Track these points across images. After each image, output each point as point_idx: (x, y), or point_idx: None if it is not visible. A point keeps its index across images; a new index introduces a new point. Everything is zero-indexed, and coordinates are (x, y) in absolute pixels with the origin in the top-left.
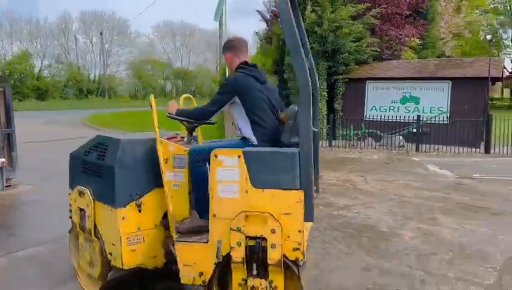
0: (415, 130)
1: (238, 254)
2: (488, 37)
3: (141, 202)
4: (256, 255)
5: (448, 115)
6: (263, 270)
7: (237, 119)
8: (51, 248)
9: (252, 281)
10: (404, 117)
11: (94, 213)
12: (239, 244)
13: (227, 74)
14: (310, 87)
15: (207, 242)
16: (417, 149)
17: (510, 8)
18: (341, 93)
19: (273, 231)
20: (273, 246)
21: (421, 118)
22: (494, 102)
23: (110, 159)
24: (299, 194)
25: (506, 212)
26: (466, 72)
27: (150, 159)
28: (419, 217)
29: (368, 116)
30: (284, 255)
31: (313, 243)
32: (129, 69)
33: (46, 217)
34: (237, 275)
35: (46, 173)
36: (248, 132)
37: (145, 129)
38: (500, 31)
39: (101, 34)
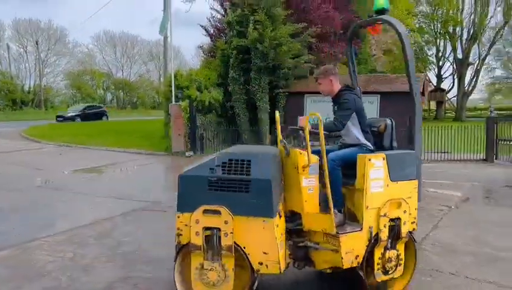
0: None
1: (384, 234)
2: None
3: (280, 209)
4: (393, 233)
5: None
6: (395, 244)
7: (353, 130)
8: None
9: (388, 253)
10: None
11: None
12: (385, 226)
13: (172, 85)
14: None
15: (361, 230)
16: None
17: (433, 27)
18: (282, 105)
19: (404, 212)
20: (404, 223)
21: None
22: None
23: (261, 173)
24: (416, 183)
25: (419, 208)
26: (392, 87)
27: (279, 170)
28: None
29: None
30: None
31: None
32: (67, 79)
33: None
34: (379, 251)
35: None
36: (363, 140)
37: (93, 141)
38: (426, 48)
39: (36, 43)
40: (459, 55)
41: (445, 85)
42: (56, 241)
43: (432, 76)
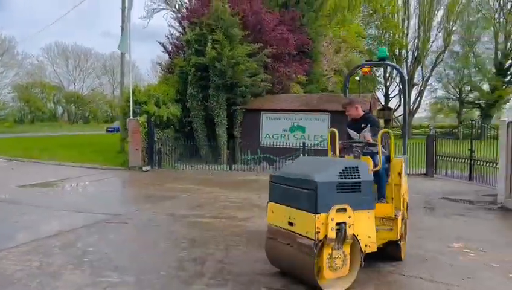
0: (302, 155)
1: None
2: (357, 78)
3: None
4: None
5: (328, 142)
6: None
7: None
8: None
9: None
10: (293, 144)
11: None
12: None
13: (131, 100)
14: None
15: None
16: None
17: None
18: (239, 122)
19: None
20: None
21: (306, 145)
22: None
23: (365, 175)
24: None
25: None
26: (339, 106)
27: None
28: None
29: (263, 143)
30: None
31: (217, 246)
32: (14, 92)
33: None
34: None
35: None
36: (381, 150)
37: (46, 156)
38: (374, 69)
39: None
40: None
41: (392, 104)
42: (21, 252)
43: (380, 95)
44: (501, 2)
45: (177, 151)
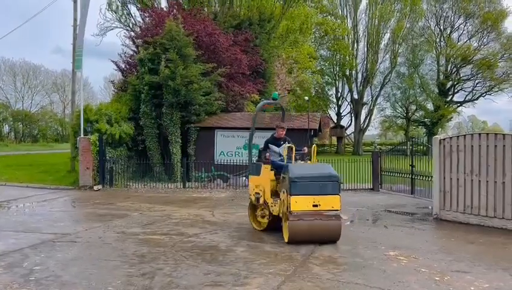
0: None
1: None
2: (306, 98)
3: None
4: None
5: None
6: None
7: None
8: None
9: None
10: (247, 161)
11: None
12: None
13: (81, 119)
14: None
15: None
16: None
17: (333, 70)
18: (194, 139)
19: None
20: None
21: None
22: (324, 147)
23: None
24: None
25: None
26: (293, 125)
27: None
28: (249, 238)
29: (217, 160)
30: None
31: (166, 261)
32: None
33: None
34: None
35: None
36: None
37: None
38: (326, 88)
39: None
40: (355, 96)
41: (344, 122)
42: None
43: (333, 114)
44: (441, 26)
45: (129, 169)
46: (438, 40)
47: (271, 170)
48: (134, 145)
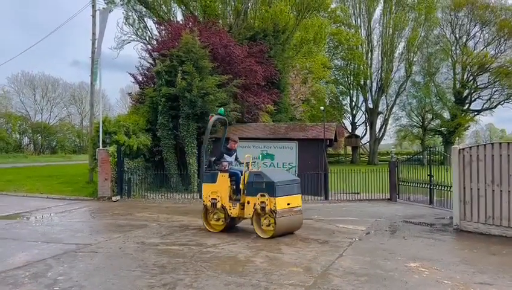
0: None
1: None
2: (321, 108)
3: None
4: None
5: (296, 169)
6: None
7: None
8: None
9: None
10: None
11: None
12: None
13: (100, 131)
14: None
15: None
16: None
17: (347, 80)
18: (210, 150)
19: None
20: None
21: None
22: (339, 157)
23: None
24: None
25: (330, 242)
26: (308, 135)
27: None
28: (268, 249)
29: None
30: None
31: (187, 272)
32: None
33: None
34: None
35: None
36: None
37: (12, 188)
38: (341, 98)
39: None
40: (370, 105)
41: (359, 132)
42: None
43: (347, 123)
44: (457, 35)
45: (147, 180)
46: (453, 48)
47: (228, 177)
48: (151, 156)
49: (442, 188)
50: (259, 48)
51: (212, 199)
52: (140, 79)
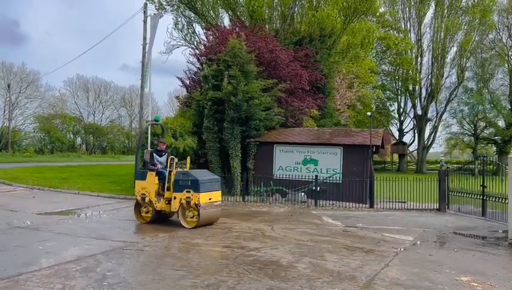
0: (314, 188)
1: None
2: (368, 113)
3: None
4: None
5: (341, 175)
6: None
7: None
8: None
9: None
10: (306, 176)
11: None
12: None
13: (148, 133)
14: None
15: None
16: (316, 204)
17: (395, 85)
18: (253, 154)
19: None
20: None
21: (318, 178)
22: (385, 165)
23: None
24: None
25: (375, 251)
26: (354, 140)
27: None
28: (311, 255)
29: (275, 175)
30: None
31: (229, 274)
32: (36, 122)
33: None
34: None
35: None
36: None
37: (65, 185)
38: (388, 104)
39: (8, 86)
40: (419, 112)
41: (406, 139)
42: (43, 275)
43: (394, 130)
44: None
45: None
46: (510, 53)
47: (155, 175)
48: (196, 158)
49: (497, 200)
50: (305, 52)
51: (142, 194)
52: (188, 83)
